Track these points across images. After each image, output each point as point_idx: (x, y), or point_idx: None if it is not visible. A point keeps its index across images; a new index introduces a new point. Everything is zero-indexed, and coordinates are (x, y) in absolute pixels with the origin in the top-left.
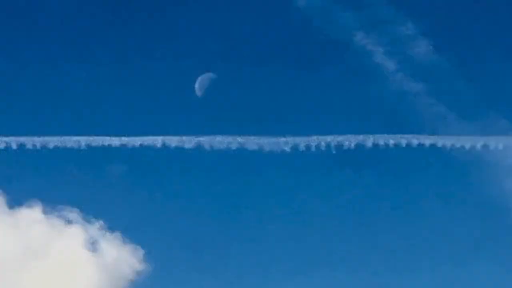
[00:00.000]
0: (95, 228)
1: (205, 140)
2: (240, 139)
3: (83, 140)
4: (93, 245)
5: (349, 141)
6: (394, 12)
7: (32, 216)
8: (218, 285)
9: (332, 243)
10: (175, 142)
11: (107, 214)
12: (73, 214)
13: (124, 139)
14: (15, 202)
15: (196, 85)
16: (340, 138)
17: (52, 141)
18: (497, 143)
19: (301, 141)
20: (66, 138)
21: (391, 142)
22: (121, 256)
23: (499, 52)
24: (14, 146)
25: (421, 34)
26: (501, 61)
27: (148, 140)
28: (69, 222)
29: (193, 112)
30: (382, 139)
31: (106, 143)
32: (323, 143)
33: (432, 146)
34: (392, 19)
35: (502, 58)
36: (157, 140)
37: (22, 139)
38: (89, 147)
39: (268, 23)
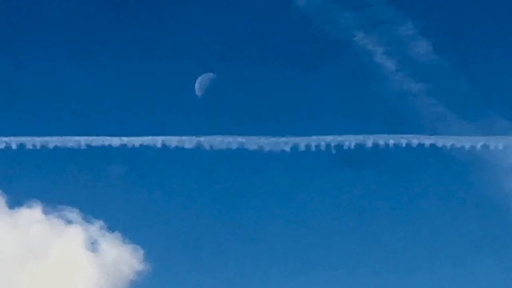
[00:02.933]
0: (95, 228)
1: (205, 140)
2: (240, 139)
3: (83, 140)
4: (93, 245)
5: (349, 141)
6: (394, 12)
7: (32, 216)
8: (218, 285)
9: (332, 243)
10: (175, 142)
11: (107, 214)
12: (73, 214)
13: (124, 139)
14: (15, 202)
15: (196, 85)
16: (340, 138)
17: (52, 141)
18: (497, 143)
19: (301, 141)
20: (66, 138)
21: (391, 142)
22: (121, 256)
23: (499, 52)
24: (14, 146)
25: (421, 34)
26: (501, 61)
27: (148, 140)
28: (69, 222)
29: (193, 112)
30: (382, 139)
31: (106, 143)
32: (323, 143)
33: (432, 146)
34: (392, 19)
35: (502, 58)
36: (157, 140)
37: (22, 139)
38: (89, 147)
39: (268, 23)
